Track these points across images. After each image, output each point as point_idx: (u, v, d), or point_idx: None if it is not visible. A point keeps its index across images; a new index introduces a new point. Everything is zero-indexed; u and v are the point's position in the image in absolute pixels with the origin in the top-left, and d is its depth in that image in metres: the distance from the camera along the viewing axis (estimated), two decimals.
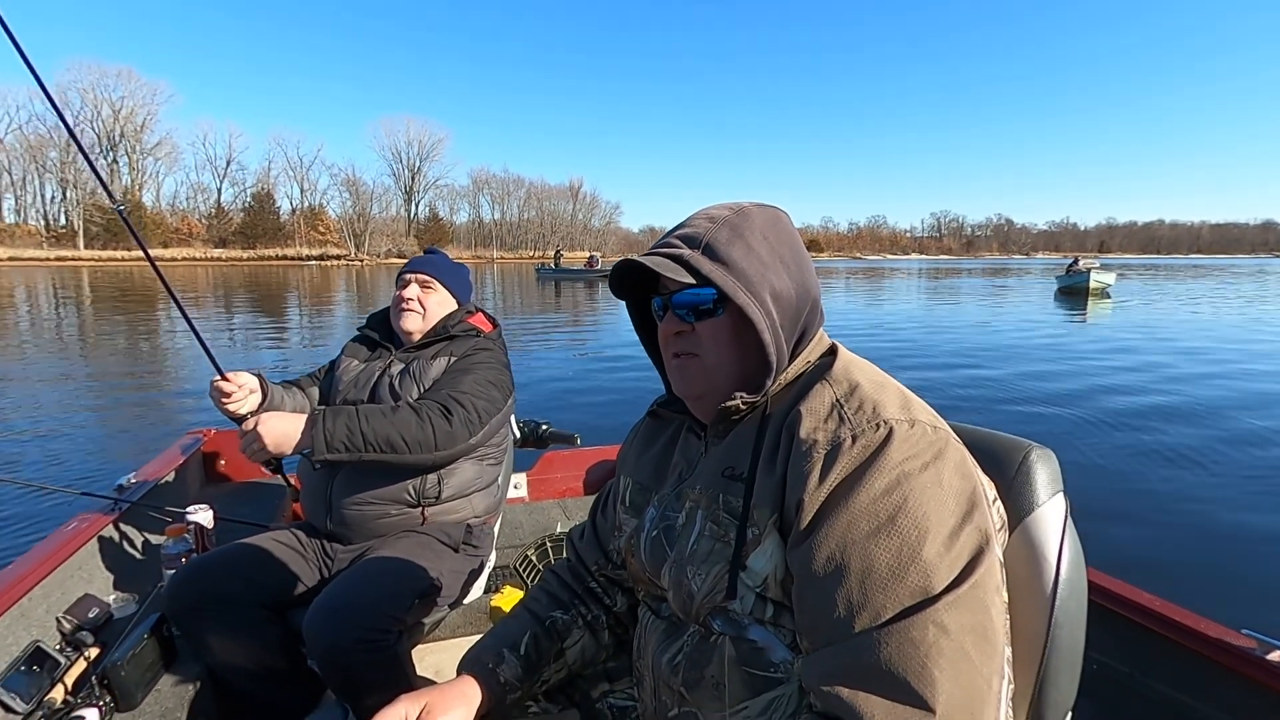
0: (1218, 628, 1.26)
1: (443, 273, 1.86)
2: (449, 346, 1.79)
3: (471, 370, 1.73)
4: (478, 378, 1.71)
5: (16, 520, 3.63)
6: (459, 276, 1.91)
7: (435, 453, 1.59)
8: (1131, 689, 1.34)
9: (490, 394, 1.71)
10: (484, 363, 1.76)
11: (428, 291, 1.83)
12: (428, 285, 1.84)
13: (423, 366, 1.75)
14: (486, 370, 1.74)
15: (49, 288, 28.79)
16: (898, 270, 66.92)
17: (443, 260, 1.92)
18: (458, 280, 1.90)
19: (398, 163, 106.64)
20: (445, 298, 1.86)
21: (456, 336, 1.82)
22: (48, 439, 5.35)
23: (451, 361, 1.76)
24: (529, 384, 7.88)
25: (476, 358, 1.77)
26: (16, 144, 79.69)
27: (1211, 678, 1.23)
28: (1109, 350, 10.94)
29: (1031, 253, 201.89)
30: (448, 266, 1.90)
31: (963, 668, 0.61)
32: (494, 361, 1.79)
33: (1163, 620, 1.30)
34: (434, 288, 1.84)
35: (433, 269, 1.85)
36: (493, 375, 1.75)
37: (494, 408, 1.71)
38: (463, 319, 1.86)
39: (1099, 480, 4.62)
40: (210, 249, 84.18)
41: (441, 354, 1.78)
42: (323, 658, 1.40)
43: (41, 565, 1.57)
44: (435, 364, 1.76)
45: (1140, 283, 35.95)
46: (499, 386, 1.75)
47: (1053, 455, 0.85)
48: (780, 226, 0.85)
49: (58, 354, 10.44)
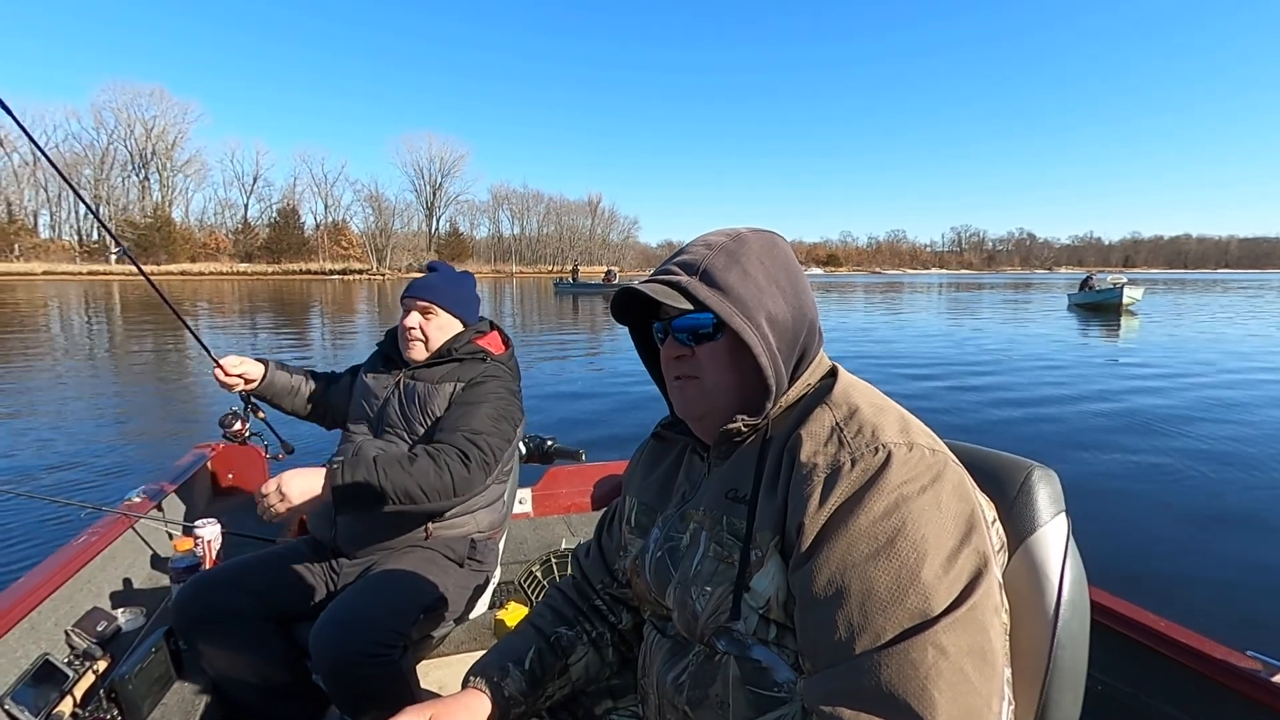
0: (1222, 649, 1.24)
1: (443, 296, 1.81)
2: (456, 371, 1.76)
3: (481, 403, 1.70)
4: (490, 413, 1.69)
5: (28, 533, 3.68)
6: (461, 295, 1.85)
7: (453, 498, 1.59)
8: (1135, 710, 1.32)
9: (502, 429, 1.70)
10: (494, 393, 1.73)
11: (429, 318, 1.79)
12: (428, 311, 1.79)
13: (428, 390, 1.74)
14: (497, 402, 1.72)
15: (80, 300, 29.55)
16: (917, 286, 66.36)
17: (442, 280, 1.84)
18: (460, 300, 1.84)
19: (419, 179, 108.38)
20: (447, 321, 1.82)
21: (464, 360, 1.79)
22: (62, 452, 5.44)
23: (459, 389, 1.73)
24: (537, 399, 7.88)
25: (486, 387, 1.73)
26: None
27: (1215, 699, 1.21)
28: (1124, 367, 10.76)
29: (1054, 267, 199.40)
30: (448, 287, 1.83)
31: (962, 689, 0.61)
32: (503, 391, 1.76)
33: (1167, 640, 1.29)
34: (434, 313, 1.80)
35: (432, 294, 1.80)
36: (503, 407, 1.73)
37: (505, 442, 1.70)
38: (470, 340, 1.82)
39: (1107, 499, 4.57)
40: (236, 263, 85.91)
41: (448, 378, 1.75)
42: (328, 672, 1.40)
43: (51, 579, 1.59)
44: (442, 389, 1.74)
45: (1168, 298, 35.30)
46: (509, 419, 1.73)
47: (1054, 475, 0.85)
48: (776, 252, 0.86)
49: (82, 365, 10.66)
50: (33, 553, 3.35)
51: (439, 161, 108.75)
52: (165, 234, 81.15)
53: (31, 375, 9.48)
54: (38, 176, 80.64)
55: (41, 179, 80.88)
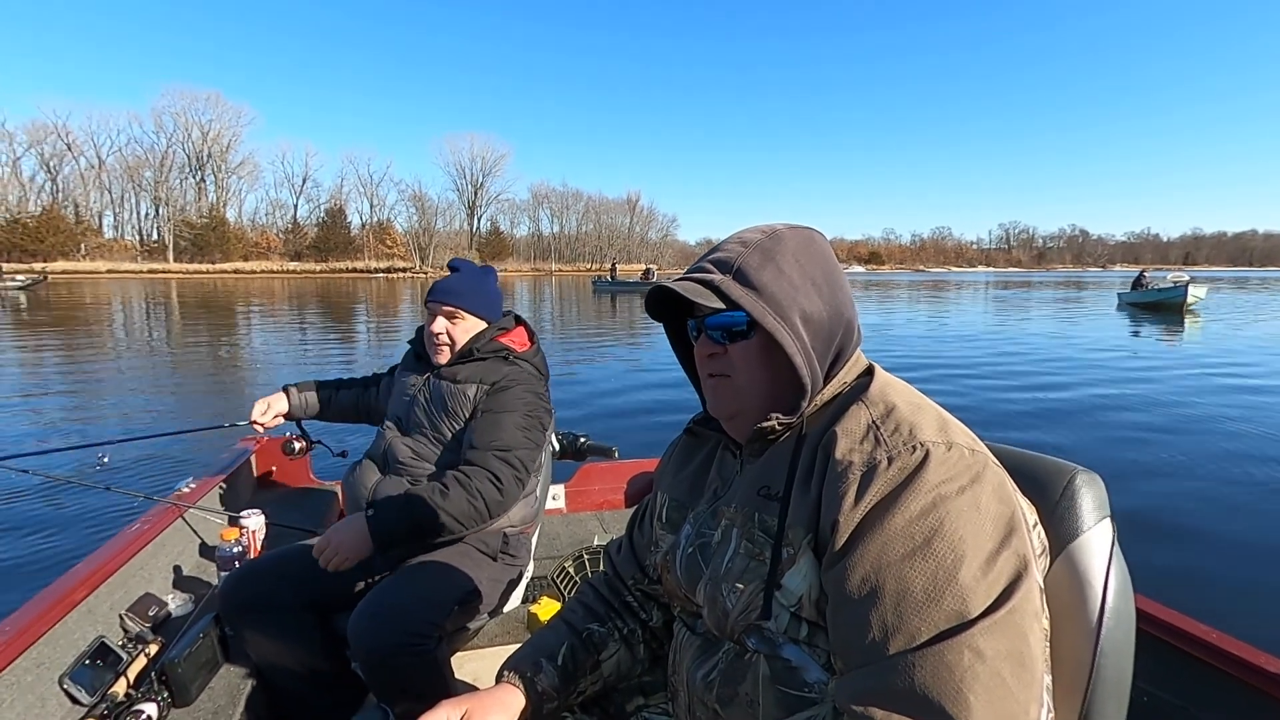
0: (1277, 662, 1.19)
1: (466, 299, 1.78)
2: (480, 371, 1.76)
3: (508, 411, 1.70)
4: (518, 422, 1.70)
5: (86, 520, 3.87)
6: (483, 294, 1.83)
7: (490, 520, 1.63)
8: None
9: (532, 437, 1.72)
10: (519, 399, 1.73)
11: (455, 322, 1.78)
12: (454, 316, 1.78)
13: (452, 391, 1.74)
14: (522, 407, 1.72)
15: (140, 297, 30.88)
16: (963, 283, 64.65)
17: (465, 282, 1.81)
18: (482, 300, 1.82)
19: (461, 178, 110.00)
20: (472, 323, 1.80)
21: (487, 359, 1.78)
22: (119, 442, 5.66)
23: (483, 391, 1.73)
24: (572, 396, 7.94)
25: (512, 393, 1.73)
26: (116, 165, 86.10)
27: (1270, 715, 1.16)
28: (1185, 370, 10.26)
29: (1108, 265, 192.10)
30: (470, 288, 1.81)
31: (998, 694, 0.59)
32: (529, 395, 1.75)
33: (1219, 653, 1.23)
34: (460, 316, 1.78)
35: (455, 299, 1.77)
36: (529, 411, 1.73)
37: (536, 449, 1.72)
38: (493, 338, 1.81)
39: (1161, 505, 4.42)
40: (286, 262, 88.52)
41: (471, 379, 1.75)
42: (365, 661, 1.43)
43: (107, 564, 1.65)
44: (466, 390, 1.74)
45: (1234, 297, 33.66)
46: (537, 424, 1.75)
47: (1099, 479, 0.82)
48: (813, 249, 0.85)
49: (139, 360, 11.12)
50: (92, 538, 3.51)
51: (480, 161, 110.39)
52: (220, 234, 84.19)
53: (95, 371, 9.91)
54: (102, 179, 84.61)
55: (105, 182, 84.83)
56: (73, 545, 3.53)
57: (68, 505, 4.05)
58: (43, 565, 3.34)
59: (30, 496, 4.18)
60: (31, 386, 8.48)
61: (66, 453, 3.58)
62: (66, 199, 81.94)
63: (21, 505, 4.10)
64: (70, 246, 74.68)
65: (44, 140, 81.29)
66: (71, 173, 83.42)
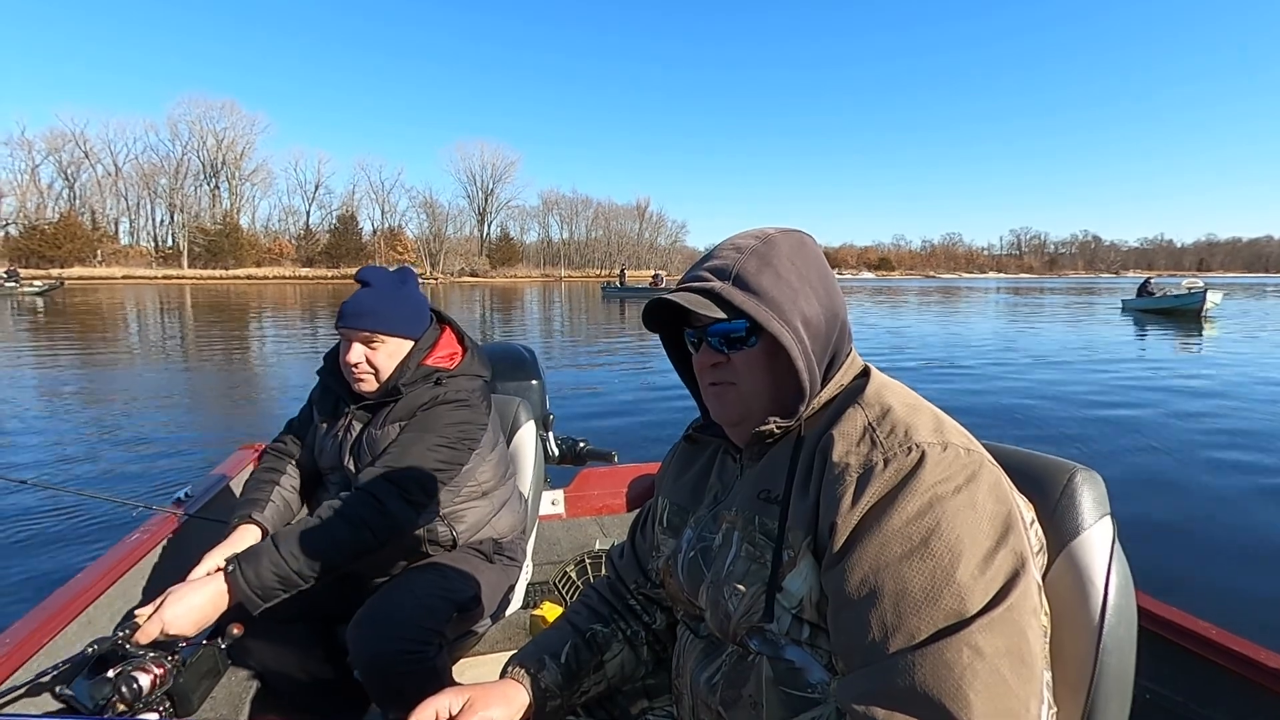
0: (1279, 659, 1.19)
1: (383, 320, 1.56)
2: (404, 409, 1.59)
3: (425, 430, 1.55)
4: (429, 441, 1.54)
5: (86, 531, 3.86)
6: (402, 308, 1.60)
7: (387, 541, 1.46)
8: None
9: (441, 455, 1.55)
10: (438, 418, 1.57)
11: (375, 347, 1.57)
12: (371, 341, 1.56)
13: (376, 437, 1.59)
14: (437, 427, 1.56)
15: (154, 302, 31.26)
16: (973, 290, 64.31)
17: (379, 299, 1.57)
18: (401, 315, 1.60)
19: (472, 185, 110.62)
20: (395, 345, 1.59)
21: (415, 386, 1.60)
22: (119, 451, 5.69)
23: (402, 427, 1.57)
24: (573, 400, 7.98)
25: (432, 413, 1.57)
26: (133, 172, 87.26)
27: (1273, 711, 1.16)
28: (1199, 376, 10.16)
29: (1121, 271, 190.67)
30: (386, 305, 1.58)
31: (998, 690, 0.60)
32: (457, 411, 1.60)
33: (1222, 650, 1.23)
34: (379, 340, 1.57)
35: (371, 321, 1.55)
36: (451, 429, 1.57)
37: (448, 466, 1.56)
38: (420, 361, 1.61)
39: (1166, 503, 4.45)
40: (298, 268, 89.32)
41: (397, 419, 1.58)
42: (365, 670, 1.42)
43: (107, 575, 1.64)
44: (389, 431, 1.58)
45: (1249, 304, 33.28)
46: (456, 441, 1.58)
47: (1099, 478, 0.83)
48: (806, 251, 0.85)
49: (147, 366, 11.17)
50: (92, 549, 3.49)
51: (491, 168, 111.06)
52: (233, 240, 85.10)
53: (106, 374, 10.02)
54: (119, 186, 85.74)
55: (122, 189, 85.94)
56: (72, 555, 3.52)
57: (69, 514, 4.05)
58: (42, 575, 3.33)
59: (30, 506, 4.17)
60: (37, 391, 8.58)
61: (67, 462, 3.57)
62: (83, 206, 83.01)
63: (21, 516, 4.08)
64: (87, 252, 75.69)
65: (62, 148, 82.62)
66: (89, 180, 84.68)
